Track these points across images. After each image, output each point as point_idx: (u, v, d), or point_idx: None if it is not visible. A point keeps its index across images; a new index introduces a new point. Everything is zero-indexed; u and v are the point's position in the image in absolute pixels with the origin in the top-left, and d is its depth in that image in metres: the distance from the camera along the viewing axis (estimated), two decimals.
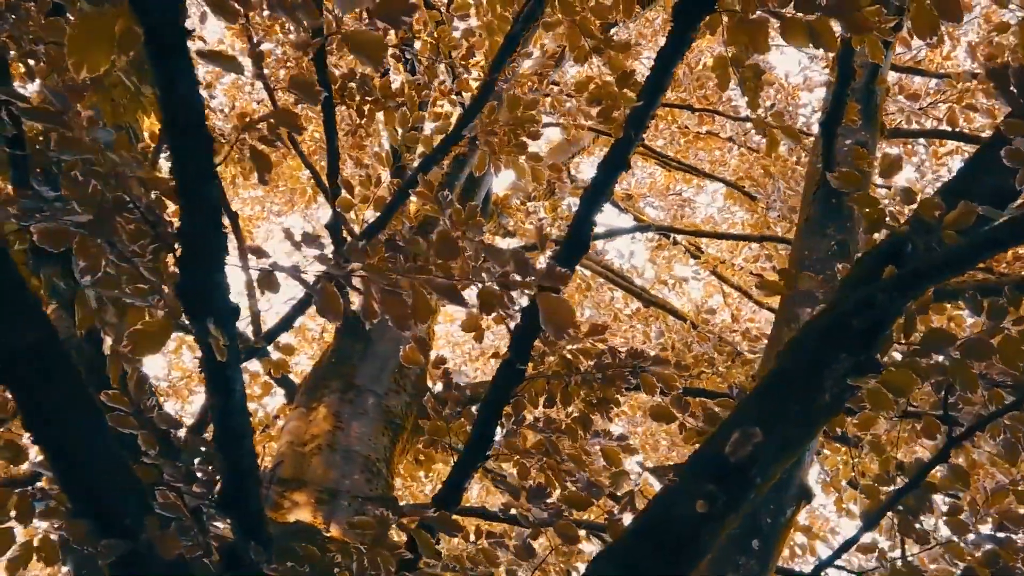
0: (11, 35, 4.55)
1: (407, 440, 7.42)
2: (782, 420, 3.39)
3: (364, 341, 7.39)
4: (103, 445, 2.69)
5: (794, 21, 3.66)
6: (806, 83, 12.50)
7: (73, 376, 2.63)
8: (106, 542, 2.68)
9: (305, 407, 6.88)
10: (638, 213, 13.43)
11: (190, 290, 2.47)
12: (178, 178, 2.33)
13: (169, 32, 2.13)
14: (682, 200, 15.06)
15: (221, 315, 2.52)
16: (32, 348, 2.53)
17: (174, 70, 2.18)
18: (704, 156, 13.50)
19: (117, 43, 2.09)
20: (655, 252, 14.29)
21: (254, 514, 2.99)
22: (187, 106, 2.24)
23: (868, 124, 6.62)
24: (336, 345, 7.50)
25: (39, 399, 2.59)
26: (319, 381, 7.17)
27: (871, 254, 3.71)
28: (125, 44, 2.08)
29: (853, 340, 3.41)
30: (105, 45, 2.10)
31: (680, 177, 13.92)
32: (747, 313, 13.35)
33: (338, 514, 5.99)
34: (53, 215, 2.53)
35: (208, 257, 2.44)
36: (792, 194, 10.50)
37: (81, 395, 2.63)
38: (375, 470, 6.62)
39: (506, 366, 4.24)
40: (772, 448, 3.34)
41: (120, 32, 2.08)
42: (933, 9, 3.81)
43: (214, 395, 2.73)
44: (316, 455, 6.41)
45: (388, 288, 2.44)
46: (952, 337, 3.46)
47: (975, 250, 3.24)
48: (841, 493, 8.66)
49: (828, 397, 3.41)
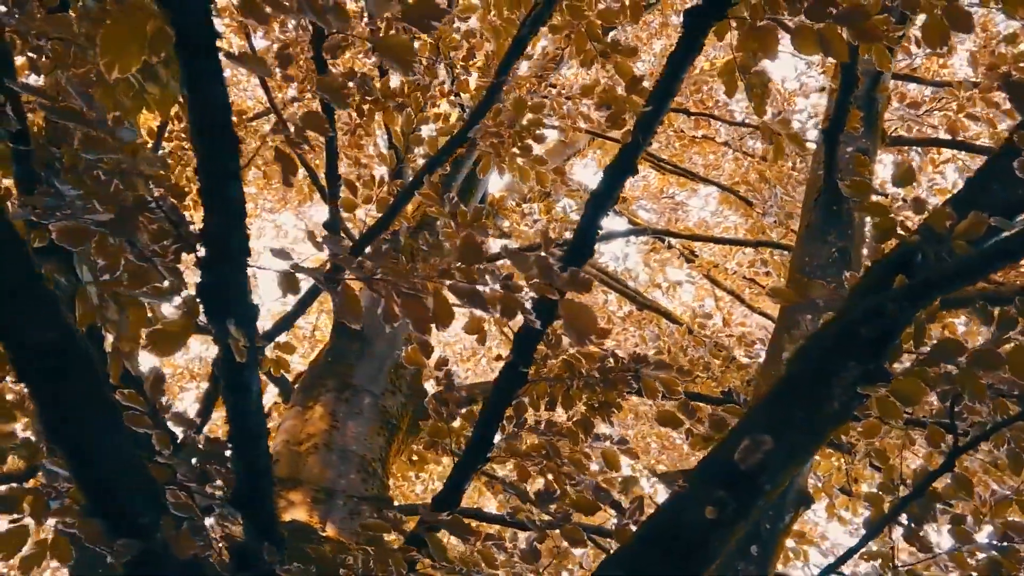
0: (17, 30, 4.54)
1: (402, 440, 7.43)
2: (791, 427, 3.40)
3: (361, 341, 7.40)
4: (120, 444, 2.68)
5: (805, 29, 3.68)
6: (802, 89, 12.54)
7: (91, 374, 2.62)
8: (122, 541, 2.67)
9: (301, 406, 6.88)
10: (631, 216, 13.45)
11: (212, 290, 2.47)
12: (203, 178, 2.33)
13: (199, 33, 2.13)
14: (675, 203, 15.09)
15: (242, 316, 2.52)
16: (52, 345, 2.53)
17: (204, 71, 2.18)
18: (698, 160, 13.52)
19: (148, 44, 2.09)
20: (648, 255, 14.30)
21: (268, 514, 2.99)
22: (215, 106, 2.24)
23: (869, 131, 6.65)
24: (332, 344, 7.50)
25: (57, 397, 2.58)
26: (315, 380, 7.17)
27: (880, 263, 3.72)
28: (157, 45, 2.08)
29: (862, 349, 3.42)
30: (137, 46, 2.10)
31: (674, 180, 13.93)
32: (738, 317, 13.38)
33: (334, 513, 5.99)
34: (73, 213, 2.52)
35: (231, 258, 2.44)
36: (789, 200, 10.52)
37: (98, 393, 2.63)
38: (371, 470, 6.62)
39: (509, 368, 4.25)
40: (781, 455, 3.34)
41: (152, 33, 2.08)
42: (944, 19, 3.83)
43: (231, 396, 2.72)
44: (312, 454, 6.41)
45: (410, 291, 2.44)
46: (962, 347, 3.47)
47: (986, 261, 3.26)
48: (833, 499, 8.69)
49: (837, 405, 3.42)
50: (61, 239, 2.62)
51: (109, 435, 2.66)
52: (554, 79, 9.28)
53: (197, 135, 2.26)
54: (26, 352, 2.53)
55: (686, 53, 4.01)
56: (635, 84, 4.72)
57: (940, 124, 9.86)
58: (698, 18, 3.90)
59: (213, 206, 2.37)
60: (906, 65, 10.69)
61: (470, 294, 2.44)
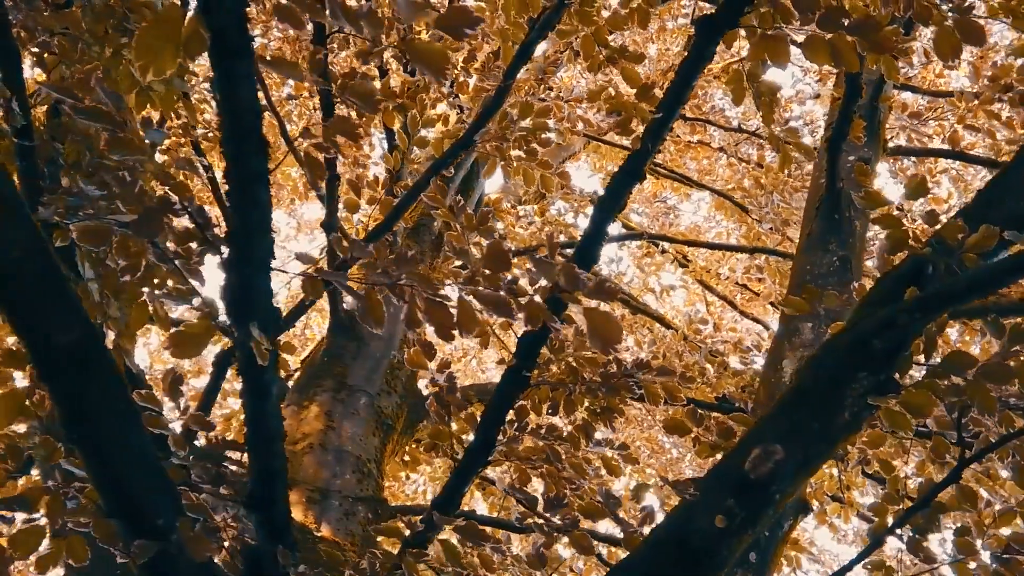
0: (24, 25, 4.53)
1: (397, 441, 7.42)
2: (802, 437, 3.41)
3: (357, 340, 7.38)
4: (139, 444, 2.67)
5: (816, 39, 3.69)
6: (797, 96, 12.56)
7: (112, 374, 2.61)
8: (139, 543, 2.66)
9: (296, 405, 6.85)
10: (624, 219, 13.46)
11: (237, 293, 2.46)
12: (232, 180, 2.32)
13: (235, 35, 2.12)
14: (667, 207, 15.12)
15: (265, 319, 2.51)
16: (75, 345, 2.52)
17: (237, 73, 2.17)
18: (692, 165, 13.55)
19: (183, 46, 2.08)
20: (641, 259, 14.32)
21: (281, 517, 2.98)
22: (247, 109, 2.23)
23: (871, 141, 6.67)
24: (329, 343, 7.48)
25: (79, 396, 2.57)
26: (311, 380, 7.15)
27: (891, 274, 3.74)
28: (192, 48, 2.08)
29: (874, 360, 3.44)
30: (171, 49, 2.09)
31: (668, 184, 13.96)
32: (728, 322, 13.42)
33: (328, 514, 5.97)
34: (96, 213, 2.52)
35: (257, 260, 2.44)
36: (785, 207, 10.55)
37: (120, 393, 2.62)
38: (366, 470, 6.61)
39: (512, 372, 4.24)
40: (792, 465, 3.36)
41: (187, 35, 2.07)
42: (956, 32, 3.85)
43: (251, 398, 2.72)
44: (307, 454, 6.40)
45: (435, 298, 2.44)
46: (973, 360, 3.48)
47: (1000, 274, 3.27)
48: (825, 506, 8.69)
49: (848, 415, 3.44)
50: (82, 239, 2.62)
51: (129, 435, 2.65)
52: (551, 82, 9.29)
53: (227, 137, 2.25)
54: (48, 351, 2.52)
55: (697, 61, 4.01)
56: (645, 91, 4.72)
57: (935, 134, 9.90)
58: (710, 26, 3.90)
59: (240, 208, 2.36)
60: (902, 75, 10.72)
61: (496, 302, 2.44)
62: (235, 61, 2.15)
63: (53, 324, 2.51)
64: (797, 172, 10.50)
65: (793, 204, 10.51)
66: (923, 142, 9.83)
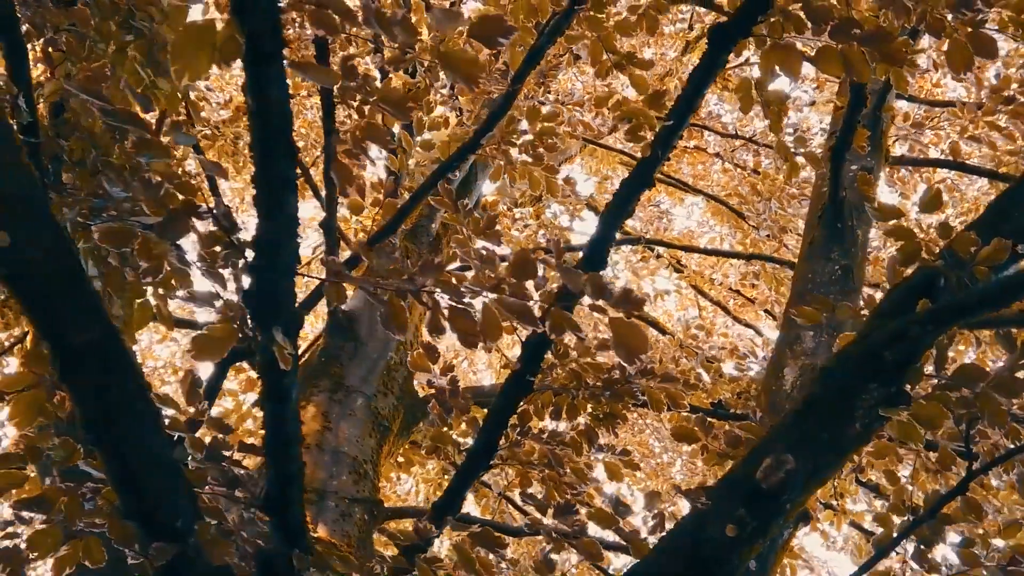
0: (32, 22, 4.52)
1: (393, 442, 7.41)
2: (814, 448, 3.42)
3: (354, 341, 7.37)
4: (159, 446, 2.66)
5: (828, 50, 3.70)
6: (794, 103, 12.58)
7: (132, 374, 2.60)
8: (157, 545, 2.65)
9: None
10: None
11: (262, 297, 2.46)
12: (260, 184, 2.32)
13: (268, 39, 2.12)
14: (660, 212, 15.12)
15: (288, 323, 2.51)
16: (96, 345, 2.51)
17: (269, 77, 2.17)
18: (687, 171, 13.56)
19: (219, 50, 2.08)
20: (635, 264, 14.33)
21: (296, 521, 2.97)
22: (277, 113, 2.23)
23: (874, 150, 6.70)
24: (325, 344, 7.46)
25: (99, 397, 2.56)
26: (308, 380, 7.13)
27: (902, 286, 3.75)
28: (227, 52, 2.07)
29: (885, 371, 3.45)
30: (207, 53, 2.09)
31: (663, 189, 13.97)
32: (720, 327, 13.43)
33: (325, 515, 5.96)
34: (120, 215, 2.51)
35: (282, 265, 2.43)
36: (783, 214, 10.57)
37: (140, 395, 2.61)
38: (362, 472, 6.59)
39: (516, 377, 4.25)
40: (803, 475, 3.37)
41: (221, 40, 2.07)
42: (968, 45, 3.86)
43: (271, 402, 2.71)
44: (304, 455, 6.38)
45: (458, 305, 2.44)
46: (984, 373, 3.49)
47: (1014, 288, 3.28)
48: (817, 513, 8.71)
49: (859, 427, 3.44)
50: (104, 240, 2.61)
51: (149, 437, 2.64)
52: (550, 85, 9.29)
53: (257, 142, 2.25)
54: (69, 351, 2.51)
55: (710, 69, 4.02)
56: (655, 98, 4.72)
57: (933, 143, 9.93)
58: (723, 35, 3.91)
59: (268, 213, 2.36)
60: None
61: (520, 310, 2.43)
62: (266, 65, 2.15)
63: (73, 324, 2.50)
64: (794, 179, 10.51)
65: (791, 211, 10.53)
66: (923, 152, 9.85)
